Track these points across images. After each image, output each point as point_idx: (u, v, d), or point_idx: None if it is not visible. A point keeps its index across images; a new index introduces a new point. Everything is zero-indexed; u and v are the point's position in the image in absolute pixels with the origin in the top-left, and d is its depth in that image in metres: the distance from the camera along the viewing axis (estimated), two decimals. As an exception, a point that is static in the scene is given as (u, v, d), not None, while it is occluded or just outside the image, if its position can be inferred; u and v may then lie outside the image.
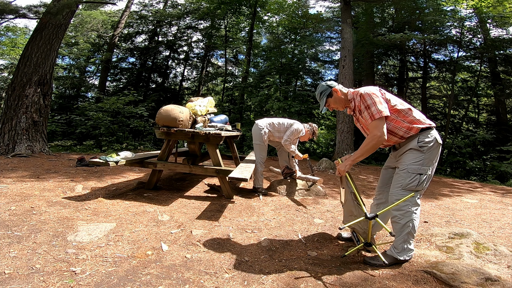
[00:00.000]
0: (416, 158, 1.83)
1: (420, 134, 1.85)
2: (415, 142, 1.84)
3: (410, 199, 1.84)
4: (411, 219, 1.84)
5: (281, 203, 3.35)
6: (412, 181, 1.82)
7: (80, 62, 15.10)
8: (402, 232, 1.86)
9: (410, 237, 1.88)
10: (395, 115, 1.88)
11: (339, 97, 2.07)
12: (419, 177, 1.82)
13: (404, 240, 1.87)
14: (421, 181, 1.83)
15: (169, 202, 3.02)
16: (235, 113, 12.31)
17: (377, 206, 2.17)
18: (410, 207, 1.84)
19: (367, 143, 1.86)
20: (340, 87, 2.09)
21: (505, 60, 10.96)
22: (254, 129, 3.76)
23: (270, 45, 14.90)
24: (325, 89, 2.09)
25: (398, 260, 1.88)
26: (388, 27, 12.58)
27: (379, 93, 1.91)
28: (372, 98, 1.87)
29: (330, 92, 2.07)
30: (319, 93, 2.12)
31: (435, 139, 1.84)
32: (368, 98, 1.88)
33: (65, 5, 5.68)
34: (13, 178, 3.50)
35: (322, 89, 2.11)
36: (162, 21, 15.28)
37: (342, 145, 8.44)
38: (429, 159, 1.83)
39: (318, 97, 2.14)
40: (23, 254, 1.70)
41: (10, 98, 5.63)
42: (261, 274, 1.71)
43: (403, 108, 1.89)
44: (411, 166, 1.83)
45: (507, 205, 4.07)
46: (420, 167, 1.82)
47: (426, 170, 1.83)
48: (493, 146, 9.61)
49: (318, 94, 2.13)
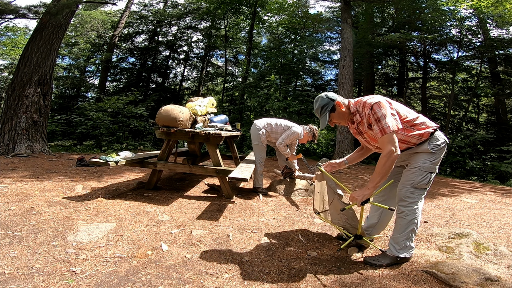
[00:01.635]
0: (429, 158, 1.85)
1: (430, 138, 1.86)
2: (426, 146, 1.85)
3: (418, 196, 1.87)
4: (417, 216, 1.86)
5: (281, 203, 3.35)
6: (424, 179, 1.84)
7: (80, 62, 15.09)
8: (406, 229, 1.87)
9: (413, 235, 1.89)
10: (406, 124, 1.84)
11: (343, 111, 1.91)
12: (429, 176, 1.84)
13: (407, 237, 1.88)
14: (431, 180, 1.86)
15: (169, 202, 3.02)
16: (235, 113, 12.31)
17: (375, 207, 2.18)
18: (417, 204, 1.86)
19: (384, 162, 1.71)
20: (341, 100, 1.92)
21: (505, 60, 10.97)
22: (253, 129, 3.76)
23: (270, 45, 14.90)
24: (326, 103, 1.89)
25: (398, 257, 1.89)
26: (388, 27, 12.58)
27: (387, 104, 1.79)
28: (382, 110, 1.74)
29: (333, 106, 1.89)
30: (320, 107, 1.91)
31: (444, 140, 1.88)
32: (378, 110, 1.75)
33: (65, 5, 5.68)
34: (13, 178, 3.50)
35: (323, 103, 1.90)
36: (162, 21, 15.28)
37: (342, 145, 8.44)
38: (439, 158, 1.87)
39: (319, 112, 1.93)
40: (23, 254, 1.70)
41: (10, 98, 5.63)
42: (261, 274, 1.71)
43: (413, 117, 1.87)
44: (424, 165, 1.84)
45: (507, 205, 4.07)
46: (432, 166, 1.85)
47: (436, 168, 1.87)
48: (493, 146, 9.61)
49: (318, 109, 1.92)
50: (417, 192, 1.85)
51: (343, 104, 1.91)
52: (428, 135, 1.85)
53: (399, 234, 1.90)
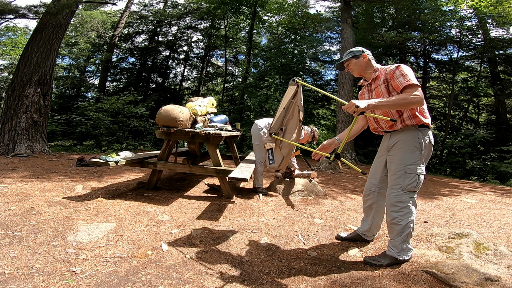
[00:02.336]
0: (413, 158, 1.83)
1: (420, 129, 1.85)
2: (414, 134, 1.83)
3: (410, 199, 1.85)
4: (411, 219, 1.85)
5: (281, 203, 3.35)
6: (412, 182, 1.83)
7: (80, 62, 15.09)
8: (402, 233, 1.86)
9: (409, 237, 1.89)
10: None
11: (363, 62, 2.03)
12: (417, 178, 1.83)
13: (404, 240, 1.88)
14: (420, 181, 1.85)
15: (169, 202, 3.02)
16: (235, 113, 12.31)
17: (370, 208, 2.15)
18: (410, 208, 1.85)
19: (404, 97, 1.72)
20: (371, 57, 2.05)
21: (505, 60, 10.96)
22: (253, 129, 3.75)
23: (270, 45, 14.90)
24: (356, 50, 2.06)
25: (397, 260, 1.88)
26: (388, 27, 12.58)
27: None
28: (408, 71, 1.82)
29: (359, 55, 2.04)
30: (349, 51, 2.09)
31: (429, 139, 1.88)
32: (405, 68, 1.83)
33: (65, 5, 5.68)
34: (13, 178, 3.50)
35: (353, 50, 2.08)
36: (162, 21, 15.28)
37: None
38: (423, 158, 1.85)
39: (345, 54, 2.11)
40: (23, 254, 1.70)
41: (10, 98, 5.63)
42: (261, 274, 1.71)
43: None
44: (410, 167, 1.83)
45: (507, 205, 4.07)
46: (417, 167, 1.83)
47: (422, 169, 1.85)
48: (493, 146, 9.61)
49: (347, 52, 2.10)
50: (408, 195, 1.84)
51: (368, 59, 2.03)
52: (420, 123, 1.83)
53: (396, 238, 1.89)
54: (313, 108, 11.01)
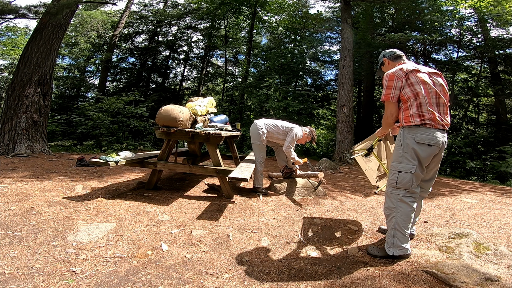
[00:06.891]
0: (395, 155, 1.91)
1: (403, 129, 1.91)
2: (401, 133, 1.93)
3: (394, 196, 1.90)
4: (395, 215, 1.89)
5: (281, 203, 3.34)
6: (391, 177, 1.89)
7: (80, 62, 15.09)
8: (389, 227, 1.94)
9: (398, 233, 1.90)
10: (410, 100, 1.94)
11: (385, 67, 2.15)
12: (397, 175, 1.86)
13: (392, 235, 1.92)
14: (403, 178, 1.84)
15: (169, 202, 3.02)
16: (235, 113, 12.31)
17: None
18: (394, 204, 1.90)
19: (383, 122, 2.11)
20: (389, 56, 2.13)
21: (505, 60, 10.96)
22: (252, 129, 3.76)
23: (270, 45, 14.90)
24: (379, 58, 2.20)
25: (387, 254, 1.93)
26: (388, 27, 12.59)
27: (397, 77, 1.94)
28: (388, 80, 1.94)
29: (382, 61, 2.18)
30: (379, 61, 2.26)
31: (422, 139, 1.82)
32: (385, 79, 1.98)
33: (65, 5, 5.67)
34: (13, 178, 3.50)
35: (379, 58, 2.22)
36: (162, 21, 15.28)
37: (342, 145, 8.43)
38: (408, 157, 1.85)
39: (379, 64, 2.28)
40: (23, 254, 1.70)
41: (10, 98, 5.63)
42: (261, 274, 1.71)
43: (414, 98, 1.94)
44: (393, 164, 1.92)
45: (507, 205, 4.07)
46: (399, 164, 1.87)
47: (407, 167, 1.83)
48: (493, 146, 9.61)
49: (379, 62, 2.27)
50: (393, 191, 1.89)
51: (389, 61, 2.14)
52: (408, 123, 1.86)
53: (388, 233, 1.97)
54: (313, 108, 11.01)
